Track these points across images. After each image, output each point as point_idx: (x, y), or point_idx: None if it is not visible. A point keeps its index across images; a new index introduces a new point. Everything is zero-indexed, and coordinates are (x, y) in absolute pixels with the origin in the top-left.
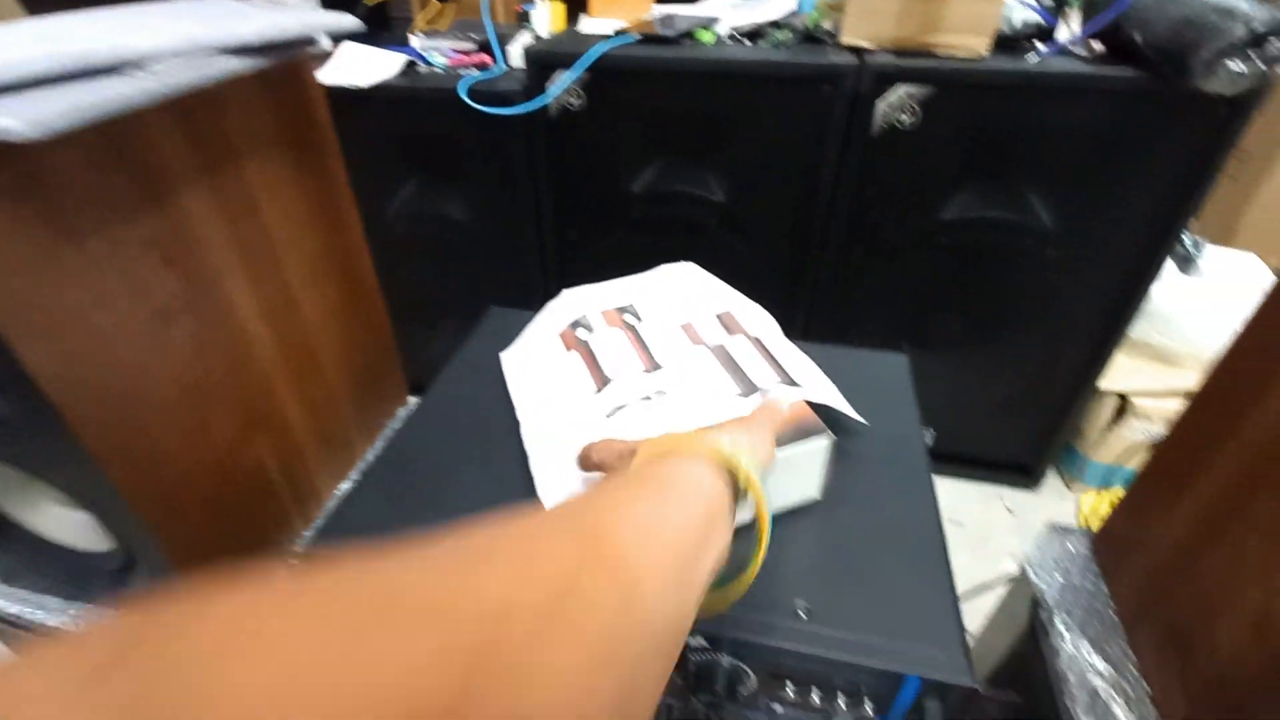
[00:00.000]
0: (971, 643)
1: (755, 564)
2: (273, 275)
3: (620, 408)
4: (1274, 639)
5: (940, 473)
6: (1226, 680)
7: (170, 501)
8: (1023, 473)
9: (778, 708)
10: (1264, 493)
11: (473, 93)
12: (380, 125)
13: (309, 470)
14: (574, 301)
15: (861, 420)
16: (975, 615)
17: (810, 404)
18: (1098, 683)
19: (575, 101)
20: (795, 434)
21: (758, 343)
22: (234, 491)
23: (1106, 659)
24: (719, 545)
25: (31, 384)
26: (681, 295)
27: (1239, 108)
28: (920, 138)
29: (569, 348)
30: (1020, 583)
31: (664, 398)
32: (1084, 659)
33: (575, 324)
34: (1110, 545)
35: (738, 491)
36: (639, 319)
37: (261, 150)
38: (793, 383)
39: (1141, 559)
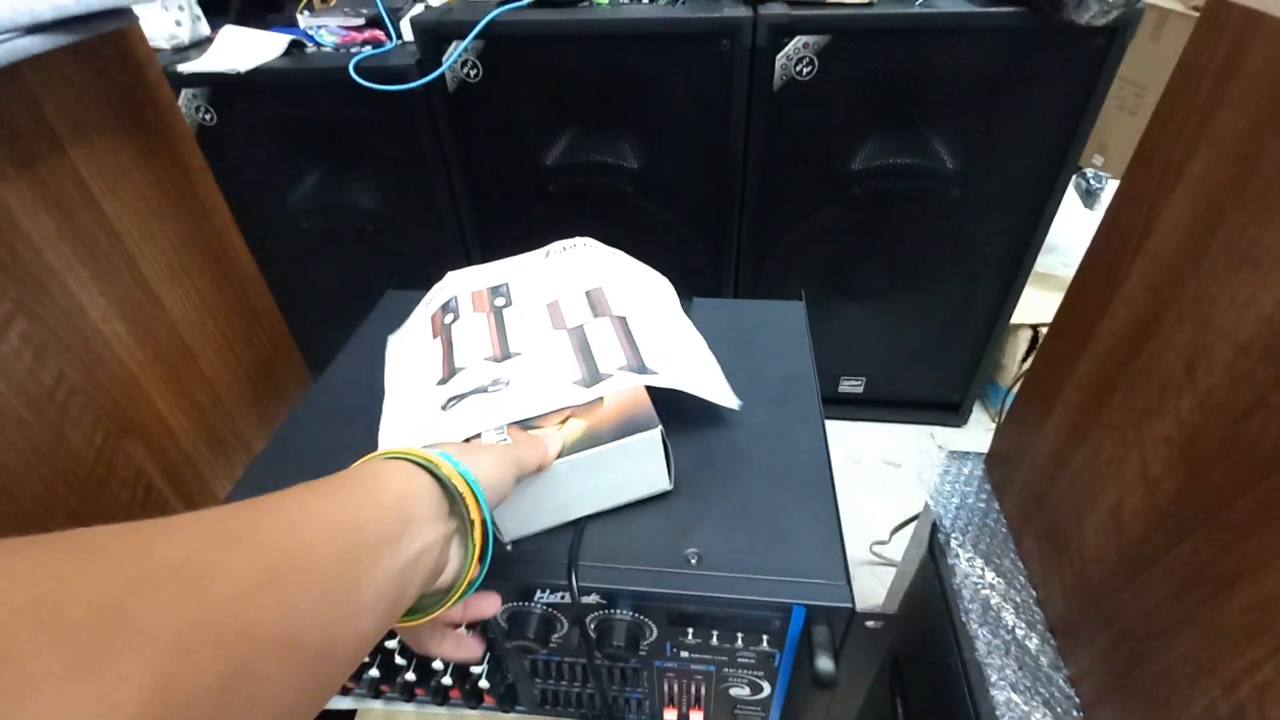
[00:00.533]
0: (894, 573)
1: (469, 570)
2: (124, 270)
3: (455, 399)
4: (1127, 530)
5: (877, 419)
6: (1091, 574)
7: (33, 524)
8: (952, 410)
9: (683, 654)
10: (1113, 396)
11: (362, 70)
12: (270, 112)
13: (200, 474)
14: (452, 283)
15: (730, 405)
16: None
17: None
18: (990, 595)
19: (472, 73)
20: (622, 428)
21: (621, 323)
22: (112, 503)
23: (998, 572)
24: (418, 545)
25: None
26: (561, 272)
27: (1114, 38)
28: (821, 89)
29: (434, 334)
30: (925, 511)
31: (501, 389)
32: (977, 574)
33: (445, 307)
34: (998, 464)
35: (460, 502)
36: (509, 301)
37: (92, 137)
38: (644, 369)
39: (1023, 473)
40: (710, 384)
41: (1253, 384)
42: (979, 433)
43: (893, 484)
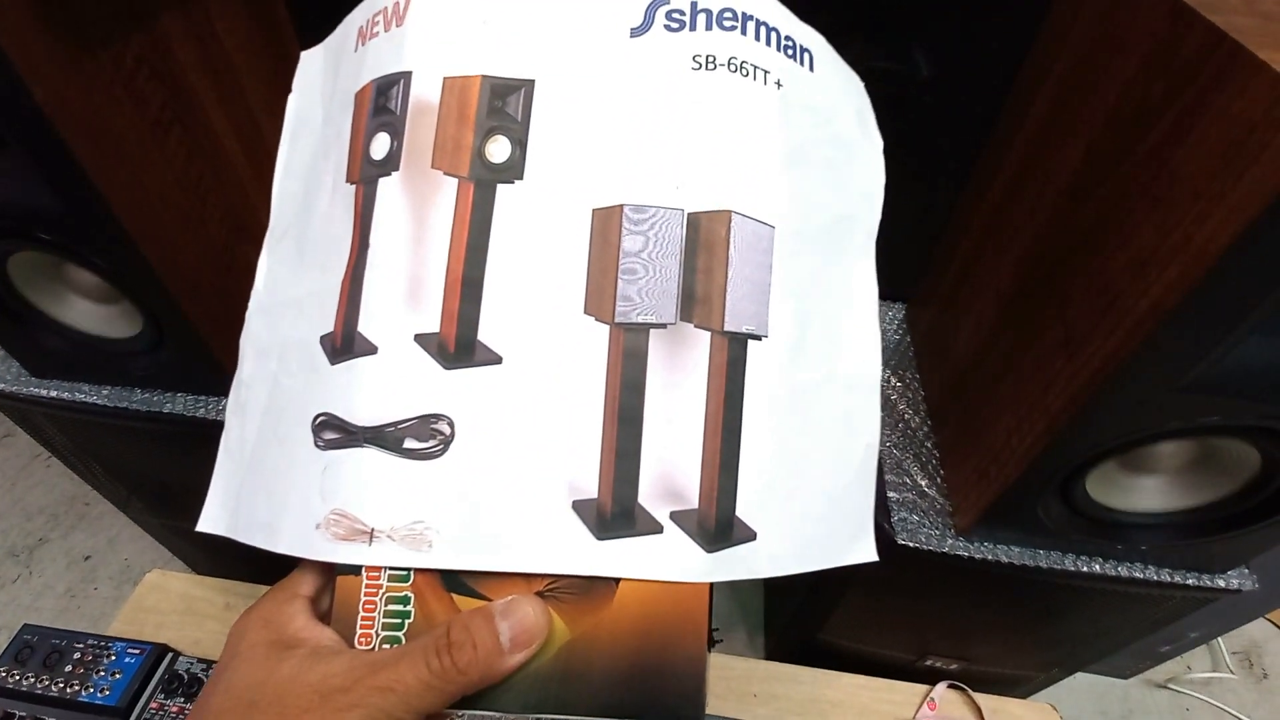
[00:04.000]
0: None
1: None
2: (237, 98)
3: (337, 441)
4: (980, 332)
5: None
6: (956, 368)
7: (190, 280)
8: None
9: None
10: (977, 265)
11: None
12: None
13: None
14: (423, 16)
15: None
16: None
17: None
18: (891, 394)
19: None
20: (635, 696)
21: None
22: (234, 287)
23: (901, 380)
24: None
25: (83, 174)
26: (670, 122)
27: None
28: None
29: (350, 175)
30: None
31: (434, 454)
32: (885, 381)
33: (385, 101)
34: (914, 307)
35: None
36: (521, 151)
37: None
38: (727, 538)
39: (928, 312)
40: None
41: (1064, 223)
42: None
43: None
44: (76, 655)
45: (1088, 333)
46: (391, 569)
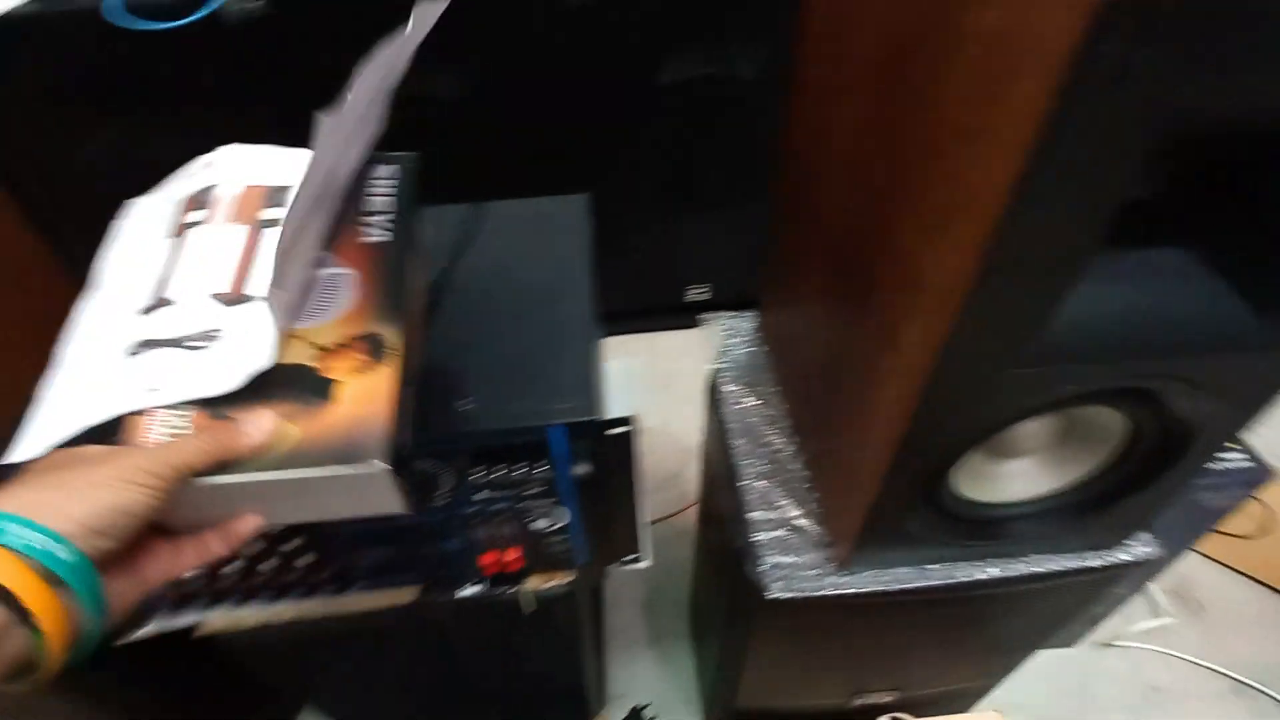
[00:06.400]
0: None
1: (47, 655)
2: None
3: (147, 345)
4: (811, 371)
5: None
6: (808, 377)
7: None
8: None
9: (478, 495)
10: (802, 258)
11: (124, 8)
12: (46, 64)
13: None
14: (228, 161)
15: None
16: None
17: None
18: (752, 419)
19: (255, 5)
20: (342, 449)
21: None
22: None
23: (758, 396)
24: None
25: None
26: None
27: None
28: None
29: (172, 231)
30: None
31: (205, 347)
32: (743, 403)
33: (202, 195)
34: (764, 313)
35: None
36: (280, 210)
37: None
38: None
39: (770, 315)
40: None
41: (857, 196)
42: None
43: None
44: None
45: (901, 319)
46: (174, 405)
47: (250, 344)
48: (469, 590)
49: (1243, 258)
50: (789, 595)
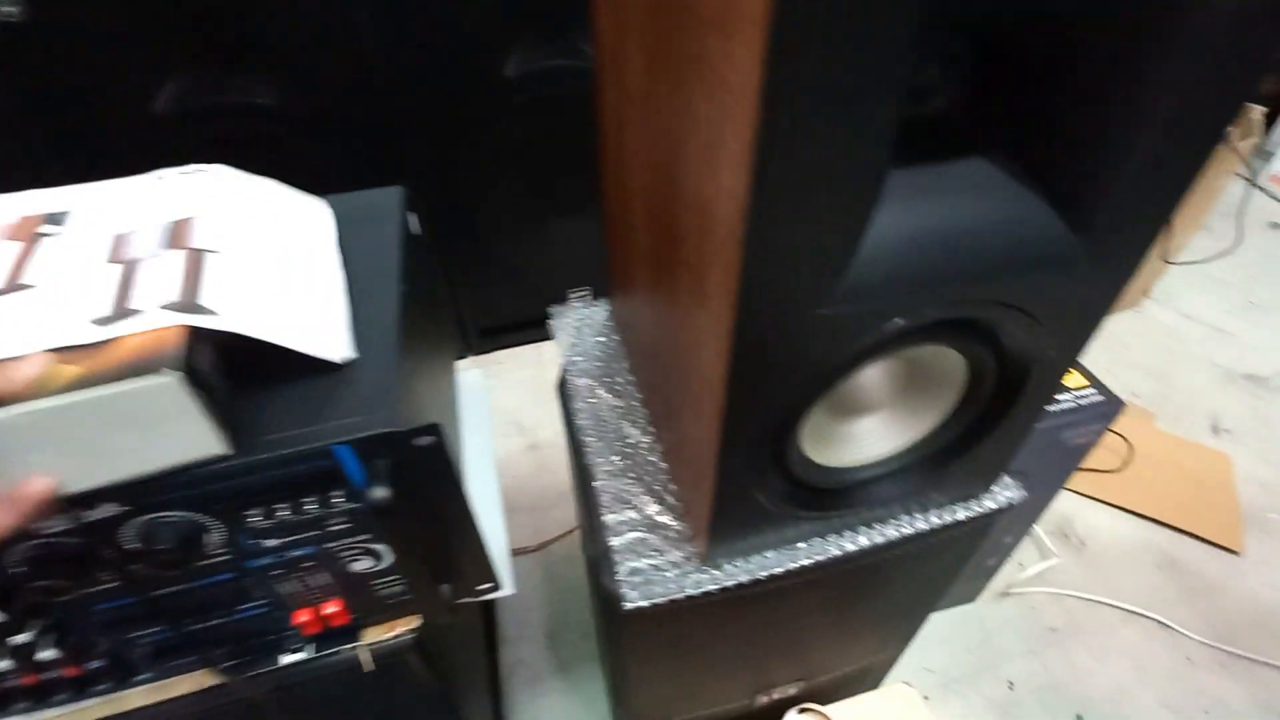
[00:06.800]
0: None
1: None
2: None
3: None
4: (653, 350)
5: None
6: (653, 374)
7: None
8: None
9: (267, 543)
10: (630, 230)
11: None
12: None
13: None
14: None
15: (330, 357)
16: None
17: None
18: (605, 414)
19: (12, 10)
20: (127, 369)
21: (196, 257)
22: None
23: (612, 389)
24: None
25: None
26: (156, 200)
27: None
28: None
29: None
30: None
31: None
32: (597, 397)
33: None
34: (614, 303)
35: None
36: (62, 230)
37: None
38: (196, 308)
39: (623, 318)
40: (303, 330)
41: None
42: None
43: None
44: None
45: (705, 266)
46: None
47: (24, 317)
48: (290, 657)
49: (1053, 173)
50: (647, 603)
